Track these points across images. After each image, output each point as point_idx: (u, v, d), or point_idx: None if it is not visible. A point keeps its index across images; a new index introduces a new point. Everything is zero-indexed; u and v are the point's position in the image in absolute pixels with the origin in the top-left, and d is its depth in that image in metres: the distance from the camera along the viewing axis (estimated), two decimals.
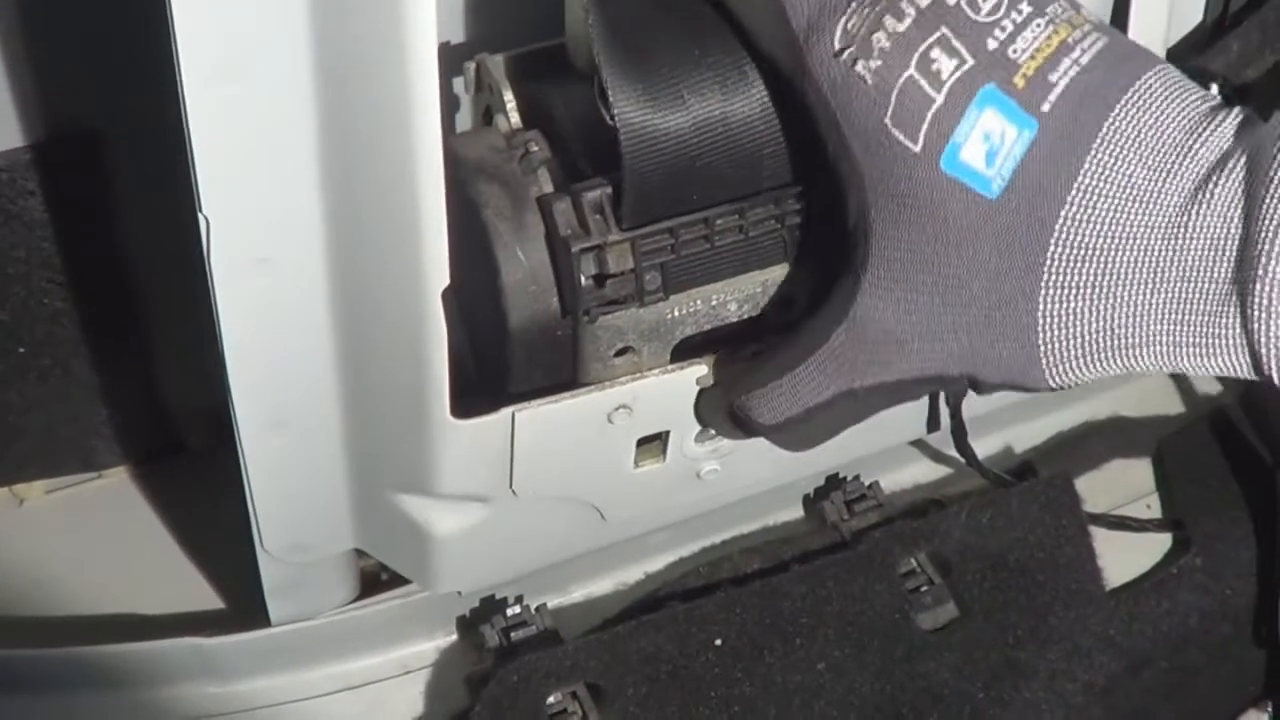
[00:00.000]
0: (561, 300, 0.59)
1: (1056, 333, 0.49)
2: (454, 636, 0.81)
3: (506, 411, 0.63)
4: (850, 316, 0.52)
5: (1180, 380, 0.96)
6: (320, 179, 0.56)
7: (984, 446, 0.87)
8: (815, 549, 0.81)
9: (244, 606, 0.79)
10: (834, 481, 0.86)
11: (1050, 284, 0.48)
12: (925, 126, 0.48)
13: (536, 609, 0.79)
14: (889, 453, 0.84)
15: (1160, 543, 0.90)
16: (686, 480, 0.72)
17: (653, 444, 0.69)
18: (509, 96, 0.61)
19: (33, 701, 0.77)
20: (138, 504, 0.87)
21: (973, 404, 0.77)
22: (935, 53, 0.48)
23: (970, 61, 0.48)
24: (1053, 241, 0.48)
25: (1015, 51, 0.48)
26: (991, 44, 0.48)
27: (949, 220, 0.49)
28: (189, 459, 0.87)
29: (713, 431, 0.68)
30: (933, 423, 0.75)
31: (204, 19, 0.50)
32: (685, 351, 0.63)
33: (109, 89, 0.72)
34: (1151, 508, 0.92)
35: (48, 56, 0.71)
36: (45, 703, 0.77)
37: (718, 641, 0.76)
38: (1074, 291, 0.48)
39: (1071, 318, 0.48)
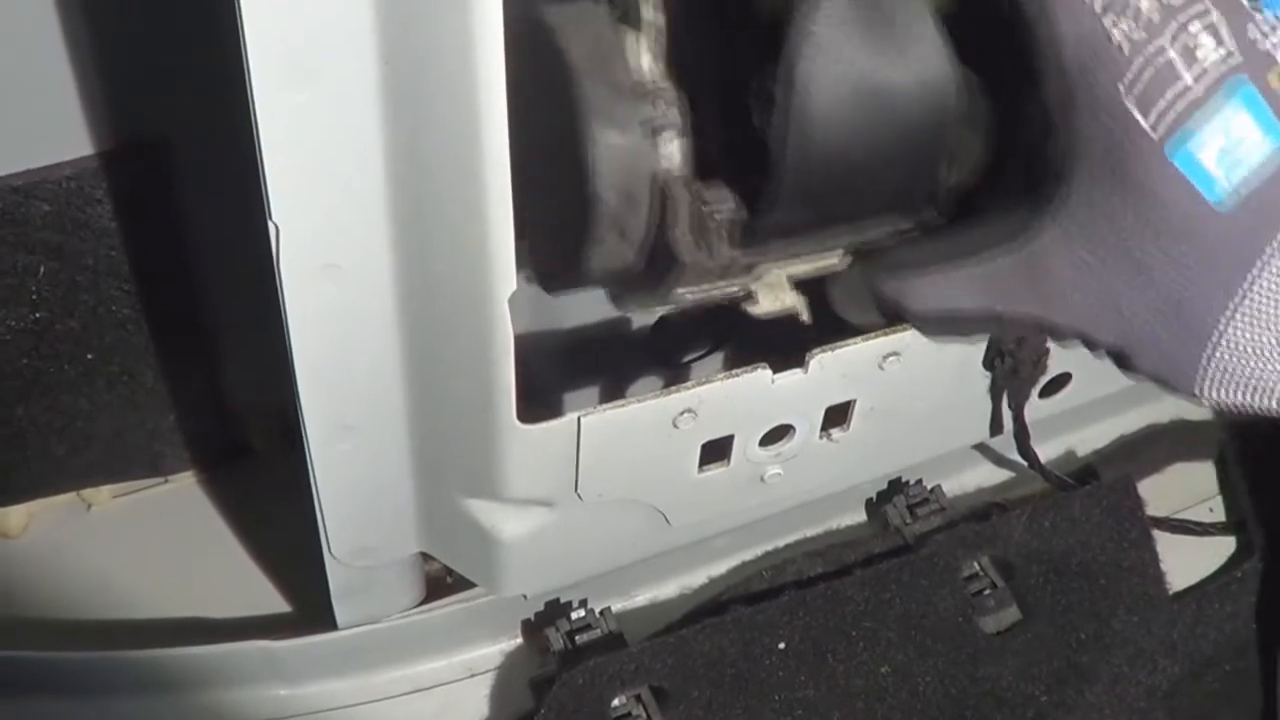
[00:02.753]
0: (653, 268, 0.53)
1: (1232, 358, 0.46)
2: (519, 640, 0.82)
3: (572, 416, 0.64)
4: (1021, 247, 0.49)
5: None
6: (388, 186, 0.57)
7: (1047, 450, 0.86)
8: (878, 553, 0.81)
9: (311, 610, 0.80)
10: (896, 485, 0.86)
11: (1244, 309, 0.45)
12: (1165, 108, 0.44)
13: (601, 612, 0.80)
14: (951, 456, 0.84)
15: (1224, 546, 0.90)
16: (750, 484, 0.73)
17: (717, 447, 0.70)
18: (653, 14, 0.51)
19: (104, 704, 0.78)
20: (204, 508, 0.88)
21: (1036, 407, 0.78)
22: (1196, 29, 0.44)
23: (1232, 49, 0.44)
24: (1261, 265, 0.45)
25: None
26: (1254, 34, 0.44)
27: (1159, 208, 0.45)
28: (254, 463, 0.88)
29: (780, 434, 0.68)
30: (996, 426, 0.75)
31: (273, 25, 0.51)
32: None
33: (177, 97, 0.73)
34: (1214, 511, 0.91)
35: (115, 64, 0.72)
36: (116, 705, 0.78)
37: (781, 645, 0.77)
38: (1266, 326, 0.45)
39: (1253, 350, 0.45)
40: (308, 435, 0.65)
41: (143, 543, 0.87)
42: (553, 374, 0.80)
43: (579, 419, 0.64)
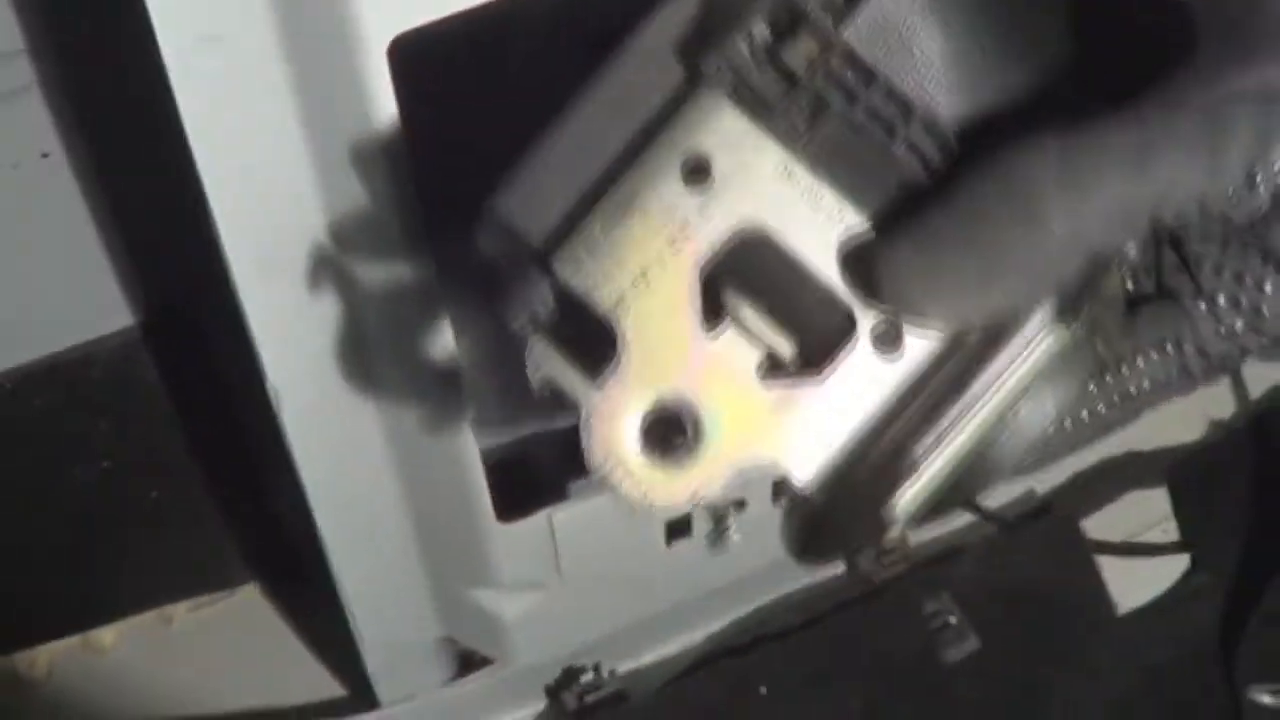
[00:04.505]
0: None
1: None
2: (543, 703, 0.93)
3: (544, 513, 0.76)
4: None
5: (1189, 410, 1.05)
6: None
7: (1008, 491, 0.97)
8: (849, 600, 0.92)
9: (360, 692, 0.92)
10: None
11: None
12: None
13: (609, 673, 0.91)
14: None
15: (1180, 564, 0.99)
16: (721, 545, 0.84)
17: (683, 522, 0.81)
18: None
19: None
20: (267, 613, 1.01)
21: None
22: None
23: None
24: None
25: None
26: None
27: None
28: (304, 570, 1.01)
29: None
30: None
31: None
32: None
33: (194, 273, 0.86)
34: (1168, 532, 1.01)
35: (143, 247, 0.86)
36: None
37: (763, 690, 0.88)
38: None
39: None
40: (326, 547, 0.78)
41: (217, 648, 1.00)
42: (551, 463, 0.92)
43: (549, 515, 0.76)
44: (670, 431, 0.41)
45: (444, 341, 0.67)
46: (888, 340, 0.41)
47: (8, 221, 0.84)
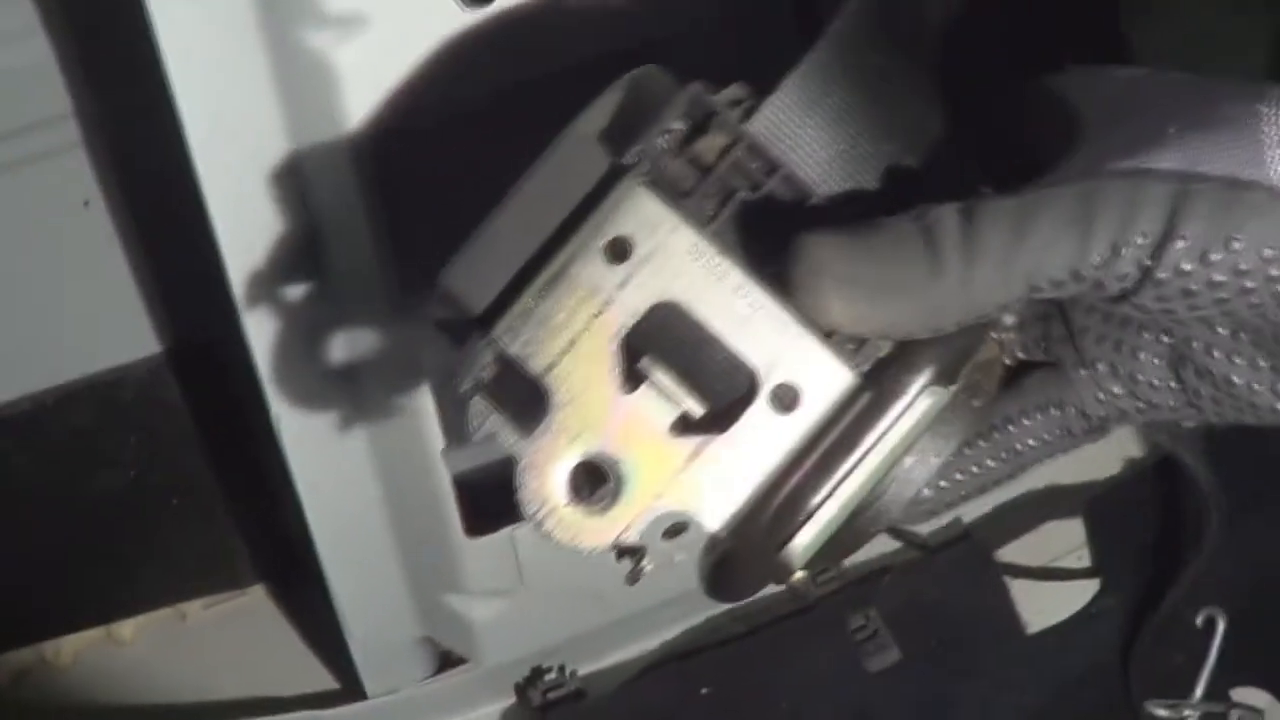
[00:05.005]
0: None
1: None
2: (513, 699, 1.05)
3: (507, 530, 0.87)
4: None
5: (1105, 449, 1.15)
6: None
7: (936, 520, 1.07)
8: (786, 613, 1.03)
9: (351, 685, 1.04)
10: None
11: None
12: None
13: (571, 674, 1.02)
14: None
15: (1090, 587, 1.10)
16: (664, 568, 0.95)
17: None
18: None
19: None
20: (274, 612, 1.13)
21: None
22: None
23: None
24: None
25: None
26: None
27: None
28: (306, 577, 1.12)
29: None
30: None
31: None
32: None
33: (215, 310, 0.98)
34: (1082, 559, 1.11)
35: (168, 280, 0.98)
36: None
37: (704, 691, 0.99)
38: None
39: None
40: (320, 554, 0.89)
41: (227, 642, 1.11)
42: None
43: (512, 531, 0.87)
44: (595, 481, 0.45)
45: (420, 379, 0.79)
46: (784, 401, 0.45)
47: (53, 260, 0.97)
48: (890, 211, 0.44)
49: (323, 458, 0.83)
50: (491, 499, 0.87)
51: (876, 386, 0.45)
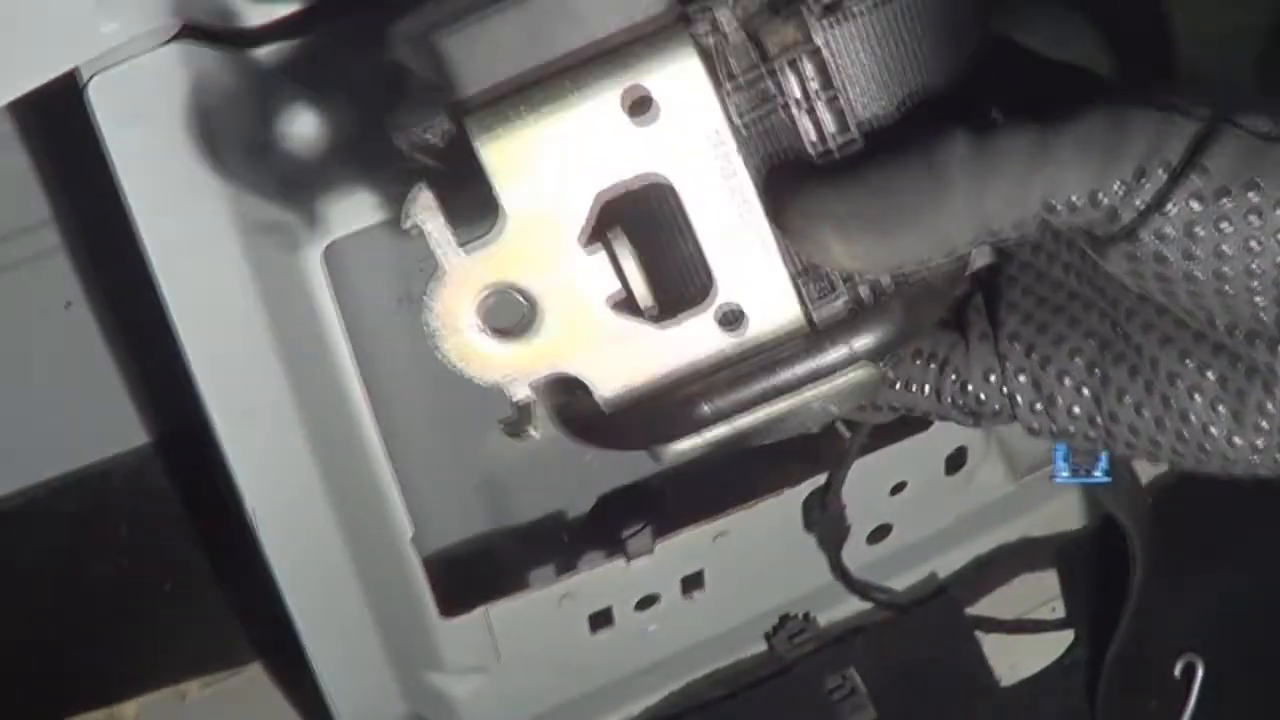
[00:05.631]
0: None
1: None
2: None
3: (482, 609, 0.90)
4: None
5: (1078, 502, 1.18)
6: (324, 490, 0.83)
7: (911, 576, 1.10)
8: (764, 675, 1.05)
9: None
10: (784, 620, 1.10)
11: None
12: None
13: None
14: (823, 591, 1.08)
15: (1066, 638, 1.12)
16: (638, 639, 0.98)
17: (604, 615, 0.95)
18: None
19: None
20: (269, 688, 1.15)
21: (903, 535, 1.01)
22: None
23: None
24: None
25: None
26: None
27: None
28: (301, 651, 1.16)
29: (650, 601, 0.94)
30: (835, 571, 1.00)
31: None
32: None
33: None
34: (1056, 610, 1.13)
35: (154, 377, 1.01)
36: None
37: None
38: None
39: None
40: (302, 638, 0.92)
41: (226, 719, 1.14)
42: (485, 563, 1.06)
43: (486, 611, 0.90)
44: (510, 320, 0.42)
45: (386, 471, 0.82)
46: (731, 320, 0.43)
47: (41, 359, 1.01)
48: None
49: (298, 548, 0.86)
50: (465, 578, 0.90)
51: (817, 340, 0.44)
